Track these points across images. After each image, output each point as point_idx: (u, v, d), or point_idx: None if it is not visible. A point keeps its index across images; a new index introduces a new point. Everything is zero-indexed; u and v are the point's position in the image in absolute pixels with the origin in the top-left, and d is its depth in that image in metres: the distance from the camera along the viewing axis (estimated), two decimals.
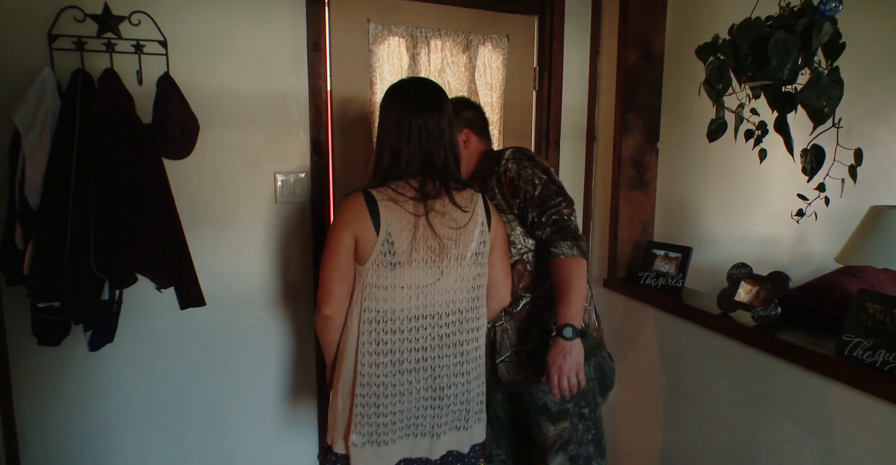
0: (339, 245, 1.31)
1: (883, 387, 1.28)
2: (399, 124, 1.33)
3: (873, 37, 2.46)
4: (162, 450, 2.04)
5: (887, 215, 2.02)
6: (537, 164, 1.52)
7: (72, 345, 1.80)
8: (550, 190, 1.49)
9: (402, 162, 1.33)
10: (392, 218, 1.29)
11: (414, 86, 1.41)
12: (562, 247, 1.45)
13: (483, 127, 1.70)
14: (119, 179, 1.64)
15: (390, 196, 1.31)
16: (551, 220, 1.47)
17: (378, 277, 1.31)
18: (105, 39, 1.77)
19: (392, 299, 1.33)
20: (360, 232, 1.29)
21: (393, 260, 1.30)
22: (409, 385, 1.37)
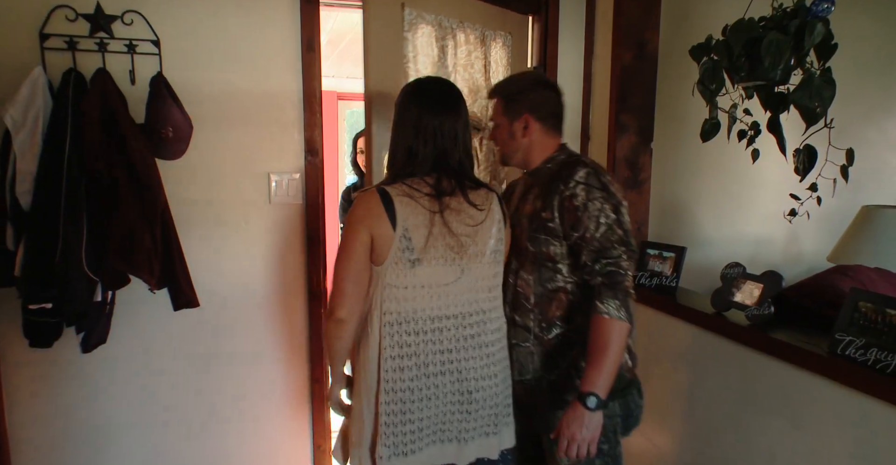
0: (355, 242, 1.26)
1: (875, 385, 1.29)
2: (415, 124, 1.30)
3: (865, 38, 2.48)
4: (156, 451, 2.03)
5: (878, 215, 2.03)
6: (610, 196, 1.34)
7: (64, 347, 1.79)
8: (614, 236, 1.32)
9: (416, 161, 1.30)
10: (408, 213, 1.26)
11: (432, 86, 1.38)
12: (609, 305, 1.29)
13: (551, 114, 1.47)
14: (111, 180, 1.63)
15: (405, 192, 1.27)
16: (606, 271, 1.31)
17: (397, 276, 1.27)
18: (97, 39, 1.76)
19: (413, 298, 1.28)
20: (377, 228, 1.25)
21: (411, 257, 1.26)
22: (436, 389, 1.31)
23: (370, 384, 1.30)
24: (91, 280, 1.64)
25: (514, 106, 1.44)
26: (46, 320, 1.64)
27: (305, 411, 2.18)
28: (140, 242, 1.65)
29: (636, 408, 1.50)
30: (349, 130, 5.52)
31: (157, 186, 1.74)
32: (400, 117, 1.34)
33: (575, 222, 1.33)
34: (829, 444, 1.42)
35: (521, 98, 1.43)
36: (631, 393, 1.48)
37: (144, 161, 1.71)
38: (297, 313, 2.12)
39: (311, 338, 2.13)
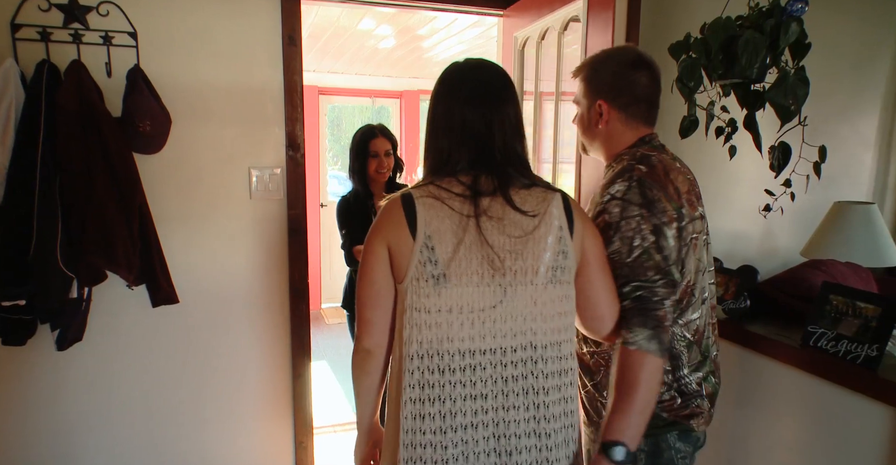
0: (373, 259, 1.05)
1: (845, 376, 1.33)
2: (446, 117, 1.08)
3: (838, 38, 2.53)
4: (134, 449, 2.00)
5: (850, 211, 2.08)
6: (652, 215, 1.13)
7: (38, 345, 1.75)
8: (651, 261, 1.11)
9: (449, 161, 1.07)
10: (431, 216, 1.02)
11: (469, 72, 1.12)
12: (637, 335, 1.07)
13: (635, 100, 1.25)
14: (87, 174, 1.60)
15: (432, 192, 1.04)
16: (636, 295, 1.10)
17: (419, 295, 1.02)
18: (72, 30, 1.72)
19: (437, 325, 1.02)
20: (394, 239, 1.02)
21: (435, 271, 1.01)
22: (465, 446, 1.03)
23: (389, 437, 1.08)
24: (66, 276, 1.61)
25: (591, 90, 1.26)
26: (20, 317, 1.61)
27: (287, 408, 2.17)
28: (117, 237, 1.63)
29: (669, 449, 1.25)
30: (330, 125, 5.49)
31: (134, 180, 1.72)
32: (431, 108, 1.12)
33: (606, 242, 1.14)
34: (802, 433, 1.46)
35: (600, 80, 1.25)
36: (664, 434, 1.25)
37: (121, 155, 1.68)
38: (279, 309, 2.11)
39: (293, 334, 2.12)
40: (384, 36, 3.66)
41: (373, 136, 2.36)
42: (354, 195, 2.42)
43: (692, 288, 1.21)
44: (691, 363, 1.23)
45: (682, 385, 1.23)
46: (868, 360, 1.30)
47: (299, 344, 2.13)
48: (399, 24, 3.36)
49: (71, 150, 1.59)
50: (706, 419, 1.26)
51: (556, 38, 2.18)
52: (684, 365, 1.22)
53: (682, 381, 1.23)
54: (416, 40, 3.78)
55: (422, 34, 3.61)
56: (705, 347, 1.26)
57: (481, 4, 2.35)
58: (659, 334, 1.08)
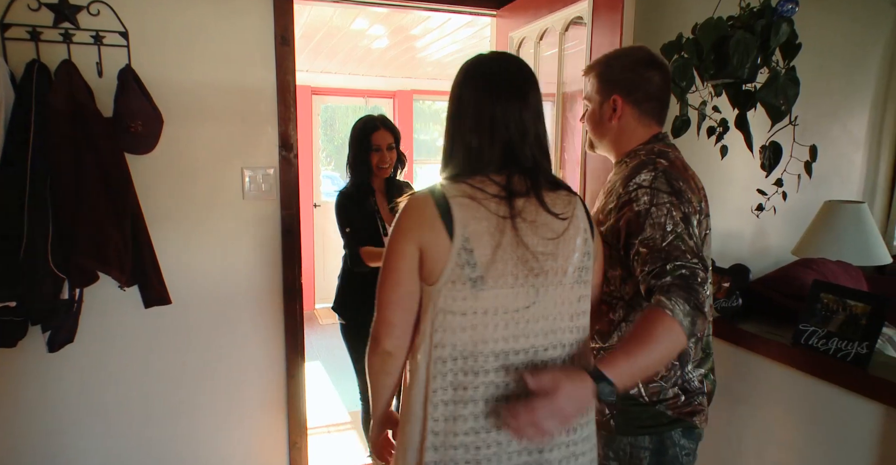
0: (400, 259, 1.01)
1: (835, 374, 1.34)
2: (474, 113, 1.04)
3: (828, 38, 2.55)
4: (127, 450, 1.99)
5: (840, 210, 2.10)
6: (681, 202, 1.13)
7: (29, 346, 1.74)
8: (685, 245, 1.09)
9: (480, 158, 1.04)
10: (469, 218, 0.99)
11: (493, 65, 1.08)
12: (678, 305, 1.01)
13: (648, 97, 1.26)
14: (78, 174, 1.59)
15: (466, 192, 1.01)
16: (679, 273, 1.06)
17: (454, 299, 1.00)
18: (62, 30, 1.71)
19: (473, 327, 1.01)
20: (428, 240, 0.99)
21: (473, 274, 0.99)
22: (498, 448, 1.02)
23: (412, 438, 1.05)
24: (57, 277, 1.60)
25: (605, 85, 1.27)
26: (11, 318, 1.60)
27: (281, 408, 2.16)
28: (109, 238, 1.62)
29: (674, 446, 1.26)
30: (324, 126, 5.47)
31: (126, 180, 1.71)
32: (456, 104, 1.08)
33: (636, 230, 1.12)
34: (794, 430, 1.47)
35: (615, 76, 1.26)
36: (668, 431, 1.25)
37: (113, 155, 1.67)
38: (273, 308, 2.10)
39: (286, 335, 2.12)
40: (377, 36, 3.66)
41: (374, 128, 2.14)
42: (355, 190, 2.18)
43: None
44: (695, 360, 1.24)
45: (686, 382, 1.24)
46: (858, 357, 1.31)
47: (293, 344, 2.13)
48: (392, 23, 3.35)
49: (61, 150, 1.58)
50: (706, 416, 1.27)
51: (557, 39, 2.18)
52: (689, 361, 1.22)
53: (686, 377, 1.23)
54: (410, 40, 3.78)
55: (415, 34, 3.61)
56: (706, 344, 1.28)
57: (474, 5, 2.35)
58: (695, 317, 1.03)
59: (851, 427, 1.34)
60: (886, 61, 2.58)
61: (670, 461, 1.27)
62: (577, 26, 2.07)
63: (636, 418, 1.18)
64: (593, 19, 1.92)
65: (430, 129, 6.11)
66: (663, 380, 1.23)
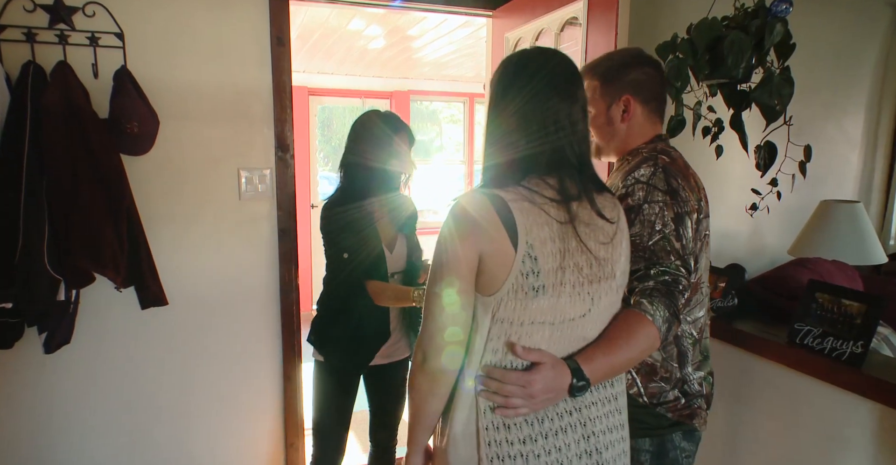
0: (459, 266, 0.94)
1: (831, 372, 1.35)
2: (525, 112, 0.98)
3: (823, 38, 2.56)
4: (123, 451, 1.99)
5: (836, 209, 2.10)
6: (675, 202, 1.12)
7: (26, 347, 1.74)
8: (670, 247, 1.09)
9: (527, 159, 0.99)
10: (531, 224, 0.94)
11: (540, 61, 1.02)
12: (658, 310, 1.03)
13: (655, 95, 1.26)
14: (74, 176, 1.59)
15: (524, 196, 0.95)
16: (662, 278, 1.06)
17: (514, 309, 0.95)
18: (57, 31, 1.71)
19: (529, 337, 0.96)
20: (490, 247, 0.93)
21: (536, 283, 0.94)
22: (559, 454, 1.00)
23: (463, 455, 0.99)
24: (54, 279, 1.60)
25: (612, 86, 1.24)
26: (6, 320, 1.60)
27: (278, 408, 2.16)
28: (105, 239, 1.62)
29: (674, 449, 1.26)
30: (321, 126, 5.47)
31: (122, 181, 1.70)
32: (499, 102, 1.02)
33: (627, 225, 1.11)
34: (789, 429, 1.48)
35: (621, 76, 1.23)
36: (669, 434, 1.25)
37: (108, 157, 1.67)
38: (269, 310, 2.10)
39: (283, 335, 2.12)
40: (374, 36, 3.66)
41: (400, 128, 1.75)
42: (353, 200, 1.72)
43: (700, 285, 1.22)
44: (694, 362, 1.24)
45: (687, 384, 1.23)
46: (853, 357, 1.31)
47: (290, 345, 2.13)
48: (389, 24, 3.35)
49: (57, 151, 1.58)
50: (705, 419, 1.27)
51: (553, 40, 2.18)
52: (689, 363, 1.22)
53: (686, 380, 1.23)
54: (407, 41, 3.78)
55: (412, 34, 3.61)
56: (705, 346, 1.27)
57: (469, 5, 2.35)
58: (671, 324, 1.05)
59: (847, 426, 1.34)
60: (881, 61, 2.59)
61: (671, 463, 1.27)
62: (573, 27, 2.07)
63: (636, 419, 1.17)
64: (588, 20, 1.92)
65: (427, 129, 6.11)
66: (664, 381, 1.23)
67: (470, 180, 5.92)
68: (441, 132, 6.21)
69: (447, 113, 6.16)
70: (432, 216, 6.07)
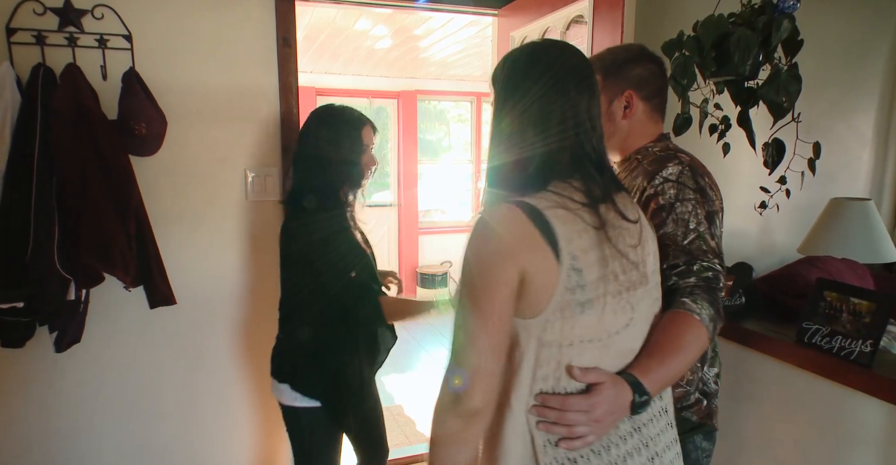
0: (498, 291, 0.83)
1: (839, 372, 1.34)
2: (542, 107, 0.90)
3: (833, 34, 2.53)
4: (131, 449, 2.01)
5: (846, 207, 2.08)
6: (706, 200, 1.10)
7: (37, 346, 1.76)
8: (707, 245, 1.06)
9: (549, 161, 0.90)
10: (571, 232, 0.85)
11: (555, 55, 0.93)
12: (704, 309, 0.99)
13: (657, 92, 1.24)
14: (83, 177, 1.61)
15: (557, 202, 0.86)
16: (705, 275, 1.04)
17: (561, 330, 0.86)
18: (67, 33, 1.73)
19: (579, 356, 0.87)
20: (532, 264, 0.83)
21: (582, 298, 0.85)
22: None
23: None
24: (64, 278, 1.62)
25: (615, 81, 1.21)
26: (18, 319, 1.62)
27: None
28: (114, 239, 1.63)
29: (696, 450, 1.24)
30: None
31: (130, 182, 1.72)
32: (511, 97, 0.92)
33: (658, 224, 1.07)
34: (797, 429, 1.47)
35: (624, 71, 1.20)
36: (691, 437, 1.23)
37: (117, 157, 1.68)
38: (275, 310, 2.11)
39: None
40: (380, 36, 3.67)
41: (363, 123, 1.60)
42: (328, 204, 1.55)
43: None
44: (707, 359, 1.23)
45: (704, 384, 1.22)
46: (862, 356, 1.30)
47: None
48: (395, 24, 3.36)
49: (67, 153, 1.60)
50: (718, 417, 1.27)
51: (559, 38, 2.18)
52: (706, 361, 1.21)
53: (703, 379, 1.22)
54: (413, 40, 3.79)
55: (418, 34, 3.62)
56: (715, 342, 1.27)
57: (475, 5, 2.35)
58: (717, 322, 1.02)
59: (856, 426, 1.33)
60: (893, 57, 2.56)
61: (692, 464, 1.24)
62: (578, 25, 2.07)
63: None
64: (594, 18, 1.92)
65: (435, 129, 6.11)
66: (688, 384, 1.21)
67: (476, 179, 5.92)
68: (449, 132, 6.22)
69: (455, 112, 6.16)
70: (440, 216, 6.07)
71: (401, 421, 3.04)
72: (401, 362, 3.88)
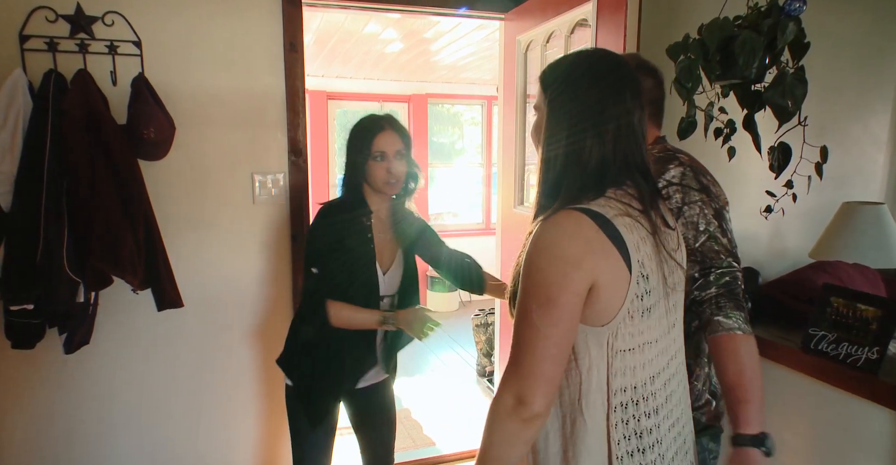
0: (567, 297, 0.84)
1: (845, 379, 1.31)
2: (596, 112, 0.90)
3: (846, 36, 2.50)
4: (140, 451, 2.03)
5: (858, 211, 2.05)
6: (711, 198, 1.14)
7: (47, 348, 1.79)
8: (719, 245, 1.10)
9: (603, 167, 0.90)
10: (638, 240, 0.88)
11: (612, 60, 0.96)
12: (737, 318, 1.06)
13: (652, 100, 1.28)
14: (92, 181, 1.64)
15: (621, 210, 0.88)
16: (723, 281, 1.08)
17: (632, 335, 0.89)
18: (78, 40, 1.76)
19: (648, 362, 0.91)
20: (604, 271, 0.85)
21: (648, 303, 0.89)
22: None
23: None
24: (73, 281, 1.65)
25: None
26: (28, 321, 1.65)
27: None
28: (122, 242, 1.66)
29: (703, 451, 1.27)
30: (340, 130, 5.53)
31: (139, 186, 1.75)
32: (567, 102, 0.92)
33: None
34: (803, 437, 1.44)
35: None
36: (700, 438, 1.25)
37: (126, 162, 1.71)
38: (283, 313, 2.13)
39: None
40: (390, 40, 3.68)
41: (379, 128, 1.57)
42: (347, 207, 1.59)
43: None
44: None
45: (713, 385, 1.25)
46: (868, 363, 1.28)
47: None
48: (404, 28, 3.38)
49: (76, 157, 1.62)
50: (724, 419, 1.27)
51: (564, 42, 2.18)
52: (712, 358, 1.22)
53: (711, 380, 1.25)
54: (423, 44, 3.80)
55: (428, 38, 3.63)
56: None
57: (481, 9, 2.36)
58: (748, 316, 1.10)
59: (861, 434, 1.30)
60: None
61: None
62: (583, 29, 2.06)
63: None
64: (597, 21, 1.91)
65: (447, 132, 6.12)
66: (697, 380, 1.23)
67: (488, 182, 5.91)
68: (463, 135, 6.23)
69: (468, 116, 6.17)
70: (451, 219, 6.08)
71: (408, 425, 3.04)
72: (408, 365, 3.88)
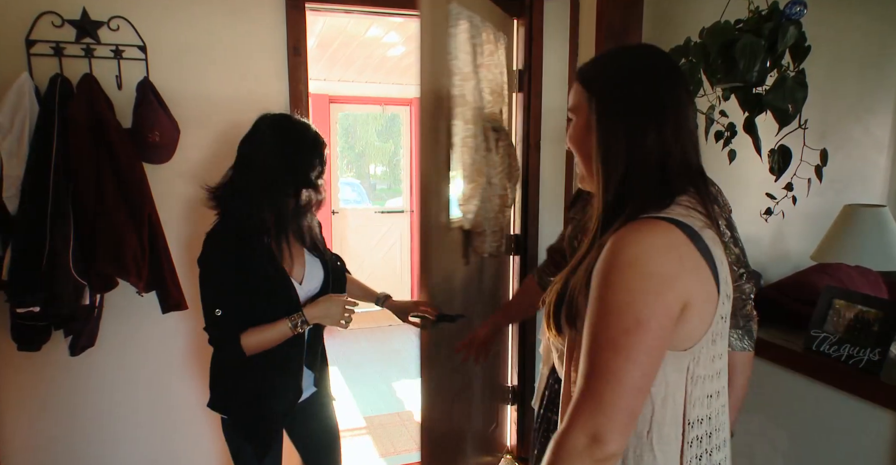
0: (660, 319, 0.72)
1: (847, 381, 1.32)
2: (677, 112, 0.81)
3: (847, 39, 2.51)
4: (145, 452, 2.04)
5: (859, 214, 2.06)
6: (722, 209, 1.12)
7: (52, 350, 1.80)
8: (732, 255, 1.08)
9: (673, 171, 0.80)
10: (721, 254, 0.79)
11: (664, 57, 0.86)
12: (745, 344, 1.14)
13: None
14: (98, 184, 1.65)
15: (705, 222, 0.79)
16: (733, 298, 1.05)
17: (712, 359, 0.80)
18: (84, 45, 1.78)
19: (719, 392, 0.82)
20: (697, 290, 0.75)
21: (726, 325, 0.82)
22: None
23: None
24: (79, 283, 1.66)
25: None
26: (34, 323, 1.66)
27: None
28: (127, 245, 1.67)
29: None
30: (343, 133, 5.55)
31: (143, 189, 1.76)
32: (625, 101, 0.82)
33: None
34: (805, 438, 1.45)
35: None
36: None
37: (131, 165, 1.72)
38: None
39: None
40: (393, 44, 3.70)
41: (323, 143, 1.46)
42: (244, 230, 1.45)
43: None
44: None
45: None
46: (870, 364, 1.28)
47: None
48: (407, 31, 3.39)
49: (82, 160, 1.64)
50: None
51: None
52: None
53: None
54: None
55: None
56: None
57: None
58: (750, 329, 1.14)
59: (863, 435, 1.31)
60: None
61: None
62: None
63: None
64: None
65: None
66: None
67: None
68: None
69: None
70: None
71: (410, 427, 3.05)
72: (411, 367, 3.88)
